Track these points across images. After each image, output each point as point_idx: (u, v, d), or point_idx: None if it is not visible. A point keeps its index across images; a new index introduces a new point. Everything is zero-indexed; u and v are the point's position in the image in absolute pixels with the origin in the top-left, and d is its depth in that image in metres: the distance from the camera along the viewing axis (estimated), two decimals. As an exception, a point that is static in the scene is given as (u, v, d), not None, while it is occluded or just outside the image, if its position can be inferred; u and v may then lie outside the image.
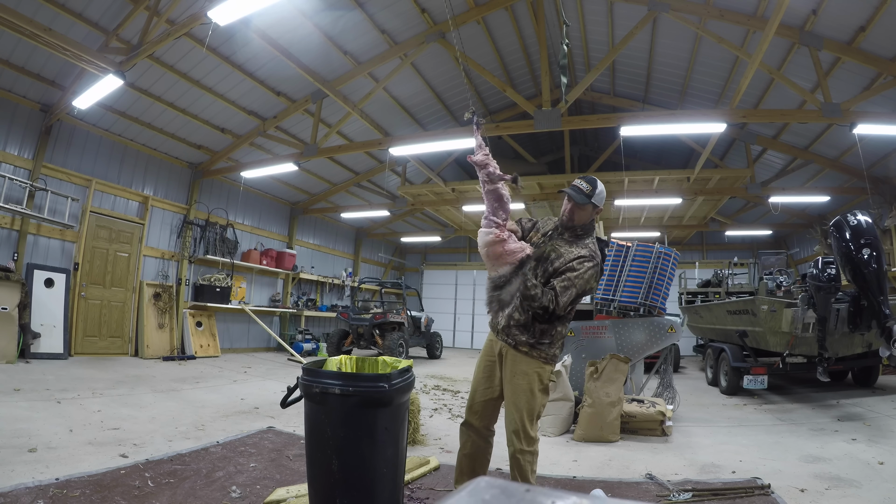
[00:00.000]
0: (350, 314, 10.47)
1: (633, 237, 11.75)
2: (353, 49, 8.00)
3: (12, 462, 2.87)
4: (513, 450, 2.39)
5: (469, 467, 2.52)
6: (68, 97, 6.77)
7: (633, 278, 5.48)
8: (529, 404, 2.40)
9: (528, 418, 2.39)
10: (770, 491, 2.93)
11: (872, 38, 6.20)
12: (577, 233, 2.55)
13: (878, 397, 6.32)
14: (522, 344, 2.42)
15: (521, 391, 2.40)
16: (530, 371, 2.42)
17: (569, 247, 2.49)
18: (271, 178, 10.75)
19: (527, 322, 2.41)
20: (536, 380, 2.42)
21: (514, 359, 2.45)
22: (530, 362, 2.43)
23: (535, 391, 2.41)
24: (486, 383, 2.54)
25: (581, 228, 2.55)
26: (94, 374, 6.26)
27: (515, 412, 2.40)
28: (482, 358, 2.59)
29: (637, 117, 7.43)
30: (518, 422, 2.38)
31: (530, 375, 2.41)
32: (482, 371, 2.57)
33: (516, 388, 2.42)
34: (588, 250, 2.48)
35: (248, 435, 3.94)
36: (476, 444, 2.53)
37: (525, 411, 2.39)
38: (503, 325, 2.45)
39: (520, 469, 2.38)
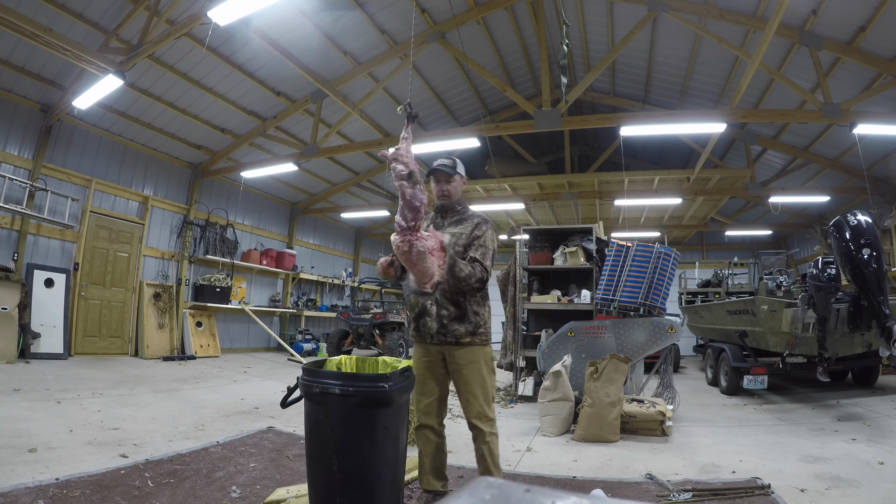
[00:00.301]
0: (350, 314, 10.48)
1: (633, 237, 11.75)
2: (353, 49, 8.00)
3: (12, 462, 2.87)
4: (477, 433, 2.50)
5: (431, 465, 2.58)
6: (68, 97, 6.77)
7: (633, 278, 5.48)
8: (484, 388, 2.50)
9: (485, 401, 2.50)
10: (770, 491, 2.93)
11: (872, 38, 6.20)
12: (455, 209, 2.67)
13: (878, 397, 6.32)
14: (463, 336, 2.48)
15: (474, 379, 2.49)
16: (477, 359, 2.50)
17: (461, 224, 2.60)
18: (271, 178, 10.75)
19: (460, 312, 2.48)
20: (484, 364, 2.52)
21: (459, 352, 2.50)
22: (474, 350, 2.50)
23: (485, 375, 2.51)
24: (429, 384, 2.58)
25: (459, 204, 2.69)
26: (94, 374, 6.26)
27: (473, 399, 2.49)
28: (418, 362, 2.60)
29: (637, 117, 7.43)
30: (478, 407, 2.48)
31: (479, 362, 2.50)
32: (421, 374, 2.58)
33: (468, 378, 2.49)
34: (479, 217, 2.63)
35: (248, 435, 3.94)
36: (433, 442, 2.58)
37: (481, 396, 2.49)
38: (436, 328, 2.49)
39: (490, 451, 2.49)
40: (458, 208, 2.68)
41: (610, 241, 6.10)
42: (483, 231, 2.54)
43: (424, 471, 2.60)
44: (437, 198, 2.68)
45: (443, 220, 2.65)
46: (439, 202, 2.68)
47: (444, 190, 2.64)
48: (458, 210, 2.67)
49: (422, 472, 2.61)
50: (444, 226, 2.63)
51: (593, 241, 6.55)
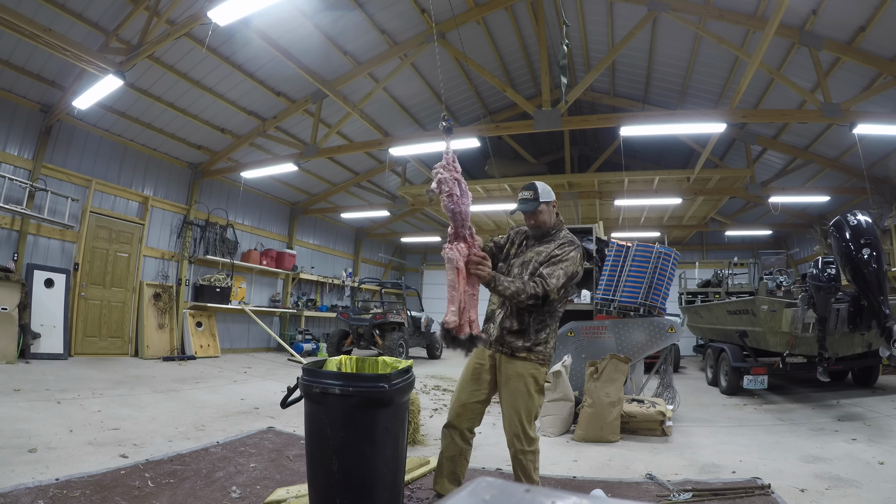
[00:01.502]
0: (350, 314, 10.47)
1: (633, 237, 11.74)
2: (353, 49, 8.00)
3: (12, 462, 2.87)
4: (514, 451, 2.43)
5: (449, 469, 2.51)
6: (68, 97, 6.77)
7: (633, 278, 5.48)
8: (527, 406, 2.42)
9: (527, 420, 2.42)
10: (770, 491, 2.93)
11: (872, 38, 6.20)
12: (549, 234, 2.61)
13: (878, 397, 6.32)
14: (519, 350, 2.44)
15: (520, 394, 2.42)
16: (526, 374, 2.43)
17: (547, 245, 2.56)
18: (271, 179, 10.75)
19: (521, 328, 2.44)
20: (533, 382, 2.44)
21: (511, 363, 2.46)
22: (526, 365, 2.44)
23: (532, 393, 2.43)
24: (472, 385, 2.55)
25: (552, 229, 2.62)
26: (94, 374, 6.26)
27: (514, 415, 2.42)
28: (469, 362, 2.60)
29: (637, 117, 7.43)
30: (518, 425, 2.40)
31: (526, 378, 2.43)
32: (469, 374, 2.58)
33: (514, 391, 2.43)
34: (566, 238, 2.57)
35: (248, 435, 3.94)
36: (458, 446, 2.52)
37: (524, 413, 2.41)
38: (496, 335, 2.48)
39: (523, 469, 2.43)
40: (552, 232, 2.62)
41: (610, 241, 6.09)
42: (563, 251, 2.48)
43: (441, 473, 2.52)
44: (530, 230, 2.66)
45: (535, 243, 2.63)
46: (532, 232, 2.64)
47: (533, 223, 2.60)
48: (551, 234, 2.62)
49: (438, 475, 2.54)
50: (531, 245, 2.62)
51: (593, 241, 6.55)
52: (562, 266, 2.40)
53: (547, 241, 2.59)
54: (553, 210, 2.63)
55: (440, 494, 2.54)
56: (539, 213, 2.57)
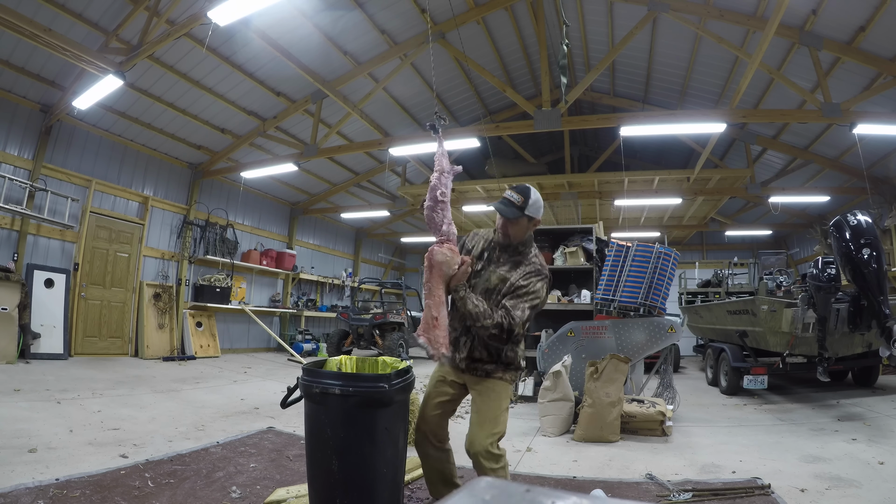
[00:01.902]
0: (350, 314, 10.47)
1: (633, 237, 11.75)
2: (353, 49, 8.00)
3: (12, 462, 2.87)
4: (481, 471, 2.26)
5: (440, 476, 2.46)
6: (68, 97, 6.77)
7: (633, 278, 5.47)
8: (494, 424, 2.29)
9: (495, 438, 2.29)
10: (770, 491, 2.93)
11: (872, 38, 6.20)
12: (517, 250, 2.39)
13: (878, 397, 6.32)
14: (493, 371, 2.35)
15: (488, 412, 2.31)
16: (499, 390, 2.35)
17: (514, 269, 2.35)
18: (271, 179, 10.75)
19: (492, 358, 2.34)
20: (503, 398, 2.36)
21: (482, 382, 2.36)
22: (498, 384, 2.35)
23: (501, 409, 2.34)
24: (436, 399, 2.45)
25: (521, 245, 2.39)
26: (94, 374, 6.26)
27: (480, 432, 2.27)
28: (434, 377, 2.51)
29: (637, 117, 7.43)
30: (483, 441, 2.25)
31: (498, 393, 2.35)
32: (434, 386, 2.48)
33: (482, 409, 2.33)
34: (533, 266, 2.35)
35: (248, 435, 3.94)
36: (437, 457, 2.45)
37: (489, 430, 2.28)
38: (465, 365, 2.36)
39: None
40: (521, 249, 2.40)
41: (610, 241, 6.09)
42: (529, 282, 2.28)
43: (433, 482, 2.48)
44: (496, 231, 2.44)
45: (497, 258, 2.41)
46: (501, 240, 2.41)
47: (506, 230, 2.36)
48: (519, 251, 2.39)
49: (430, 483, 2.50)
50: (498, 262, 2.39)
51: (593, 241, 6.55)
52: (527, 299, 2.25)
53: (514, 259, 2.38)
54: (532, 228, 2.40)
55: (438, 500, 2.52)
56: (517, 225, 2.34)
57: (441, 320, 2.17)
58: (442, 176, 2.33)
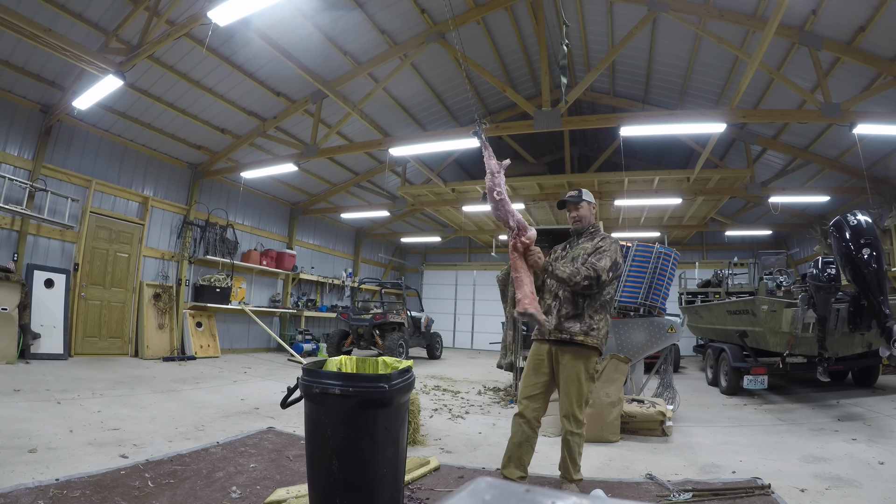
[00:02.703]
0: (350, 314, 10.47)
1: (633, 237, 11.76)
2: (353, 49, 8.00)
3: (12, 462, 2.87)
4: (564, 432, 2.74)
5: (517, 455, 2.78)
6: (68, 98, 6.77)
7: (633, 278, 5.48)
8: (578, 392, 2.73)
9: (578, 405, 2.73)
10: (770, 491, 2.93)
11: (872, 38, 6.20)
12: (590, 233, 3.01)
13: (878, 397, 6.32)
14: (577, 334, 2.74)
15: (572, 381, 2.74)
16: (579, 364, 2.75)
17: (588, 241, 2.94)
18: (271, 179, 10.75)
19: (577, 312, 2.76)
20: (583, 370, 2.75)
21: (565, 354, 2.77)
22: (580, 352, 2.75)
23: (582, 381, 2.74)
24: (534, 378, 2.86)
25: (591, 227, 3.04)
26: (94, 374, 6.26)
27: (566, 399, 2.74)
28: (530, 357, 2.92)
29: (637, 117, 7.43)
30: (568, 407, 2.73)
31: (579, 368, 2.75)
32: (531, 368, 2.88)
33: (567, 378, 2.75)
34: (604, 235, 2.97)
35: (249, 435, 3.93)
36: (525, 433, 2.78)
37: (575, 399, 2.73)
38: (555, 324, 2.78)
39: (569, 450, 2.75)
40: (591, 230, 3.02)
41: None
42: (605, 243, 2.85)
43: (510, 459, 2.78)
44: (571, 224, 3.07)
45: (577, 241, 3.01)
46: (573, 227, 3.06)
47: (574, 216, 3.04)
48: (591, 232, 3.02)
49: (506, 460, 2.80)
50: (577, 244, 2.97)
51: (593, 241, 6.54)
52: (606, 254, 2.76)
53: (587, 238, 2.97)
54: (593, 212, 3.08)
55: (507, 478, 2.74)
56: (580, 207, 3.03)
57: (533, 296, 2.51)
58: (494, 176, 2.62)
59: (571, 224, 3.07)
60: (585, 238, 2.99)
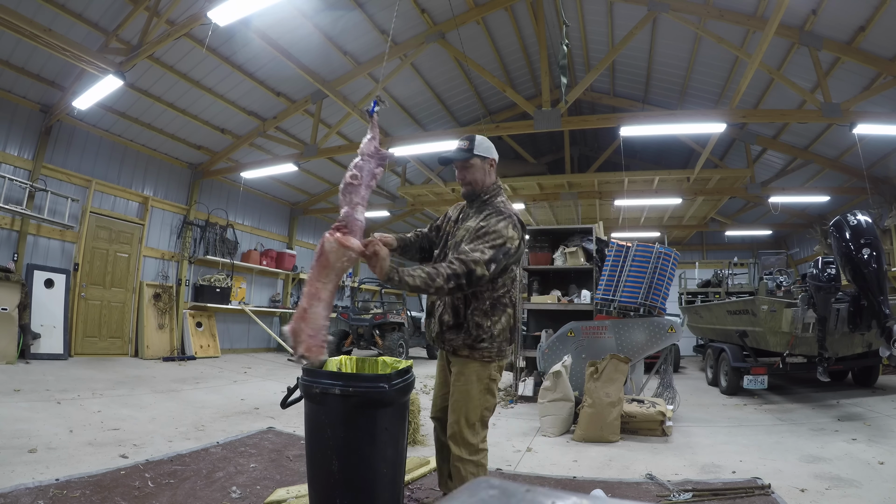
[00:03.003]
0: (350, 314, 10.47)
1: (633, 237, 11.75)
2: (353, 49, 8.00)
3: (12, 462, 2.87)
4: (451, 458, 2.18)
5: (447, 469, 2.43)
6: (68, 98, 6.77)
7: (633, 278, 5.48)
8: (466, 407, 2.18)
9: (466, 423, 2.16)
10: (770, 491, 2.93)
11: (872, 38, 6.20)
12: (483, 201, 2.29)
13: (878, 397, 6.31)
14: (460, 347, 2.21)
15: (459, 394, 2.21)
16: (468, 372, 2.21)
17: (477, 216, 2.25)
18: (271, 179, 10.75)
19: (458, 321, 2.20)
20: (476, 381, 2.19)
21: (456, 361, 2.29)
22: (468, 363, 2.22)
23: (473, 395, 2.18)
24: (441, 385, 2.45)
25: (485, 192, 2.30)
26: (94, 374, 6.25)
27: (452, 416, 2.20)
28: (437, 363, 2.52)
29: (637, 117, 7.43)
30: (454, 425, 2.17)
31: (467, 376, 2.20)
32: (438, 377, 2.49)
33: (454, 391, 2.24)
34: (494, 208, 2.22)
35: (249, 435, 3.93)
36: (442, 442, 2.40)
37: (462, 415, 2.17)
38: (437, 331, 2.30)
39: (459, 479, 2.14)
40: (485, 197, 2.28)
41: (610, 242, 6.09)
42: (488, 222, 2.13)
43: (443, 474, 2.45)
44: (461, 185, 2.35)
45: (468, 213, 2.34)
46: (463, 192, 2.35)
47: (463, 177, 2.30)
48: (484, 201, 2.28)
49: (441, 475, 2.48)
50: (467, 218, 2.31)
51: (593, 241, 6.55)
52: (487, 240, 2.06)
53: (479, 210, 2.28)
54: (490, 169, 2.31)
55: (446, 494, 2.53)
56: (471, 167, 2.26)
57: (312, 315, 1.89)
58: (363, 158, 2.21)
59: (462, 189, 2.34)
60: (477, 211, 2.27)
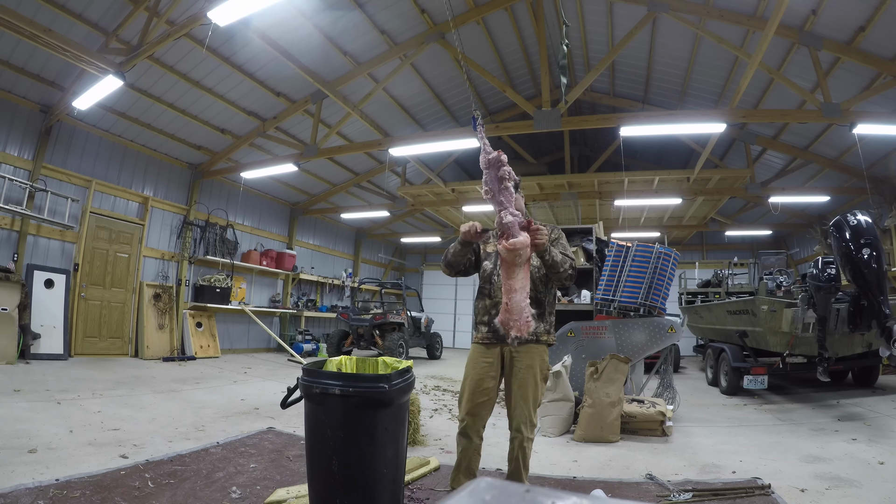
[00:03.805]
0: (350, 315, 10.47)
1: (633, 237, 11.75)
2: (353, 49, 8.00)
3: (12, 463, 2.87)
4: (521, 439, 2.50)
5: (467, 466, 2.58)
6: (68, 98, 6.77)
7: (633, 278, 5.48)
8: (535, 395, 2.54)
9: (534, 408, 2.55)
10: (770, 491, 2.93)
11: (872, 37, 6.20)
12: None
13: (878, 397, 6.32)
14: (541, 334, 2.56)
15: (529, 384, 2.52)
16: (536, 363, 2.54)
17: None
18: (271, 179, 10.75)
19: (540, 311, 2.56)
20: (540, 371, 2.56)
21: (521, 353, 2.53)
22: (539, 350, 2.55)
23: (538, 382, 2.55)
24: (482, 384, 2.56)
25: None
26: (94, 374, 6.25)
27: (524, 404, 2.51)
28: (476, 361, 2.61)
29: (637, 117, 7.43)
30: (527, 413, 2.50)
31: (535, 368, 2.54)
32: (478, 373, 2.58)
33: (523, 380, 2.52)
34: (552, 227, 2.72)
35: (249, 436, 3.93)
36: (475, 445, 2.57)
37: (532, 402, 2.52)
38: None
39: (524, 457, 2.52)
40: None
41: (610, 242, 6.09)
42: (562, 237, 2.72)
43: (460, 469, 2.58)
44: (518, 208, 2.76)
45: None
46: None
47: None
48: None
49: (456, 470, 2.60)
50: None
51: (593, 241, 6.55)
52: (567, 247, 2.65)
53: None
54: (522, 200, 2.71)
55: None
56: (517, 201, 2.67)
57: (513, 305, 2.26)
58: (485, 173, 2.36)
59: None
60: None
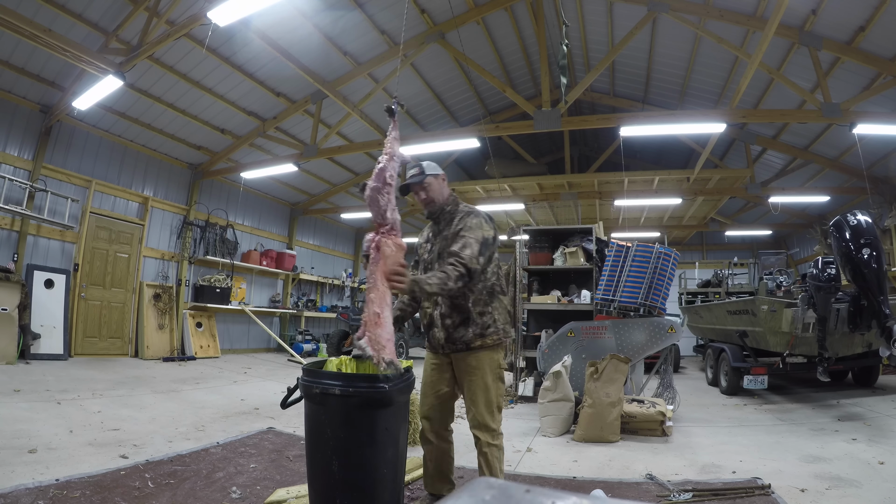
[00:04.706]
0: (350, 315, 10.47)
1: (633, 237, 11.75)
2: (353, 50, 8.00)
3: (12, 463, 2.87)
4: (480, 444, 2.40)
5: (437, 469, 2.56)
6: (68, 98, 6.77)
7: (633, 278, 5.47)
8: (487, 397, 2.40)
9: (488, 412, 2.39)
10: (770, 491, 2.93)
11: (872, 37, 6.20)
12: (447, 210, 2.56)
13: (878, 397, 6.31)
14: (472, 340, 2.41)
15: (477, 386, 2.41)
16: (483, 365, 2.42)
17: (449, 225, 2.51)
18: (271, 179, 10.75)
19: (464, 317, 2.41)
20: (489, 372, 2.42)
21: (466, 357, 2.44)
22: (481, 354, 2.42)
23: (489, 384, 2.41)
24: (433, 388, 2.54)
25: (446, 204, 2.56)
26: (94, 374, 6.25)
27: (473, 407, 2.41)
28: (427, 364, 2.60)
29: (637, 117, 7.43)
30: (479, 416, 2.39)
31: (483, 369, 2.42)
32: (431, 376, 2.56)
33: (471, 384, 2.43)
34: (463, 212, 2.51)
35: (249, 436, 3.93)
36: (438, 447, 2.54)
37: (483, 405, 2.39)
38: (444, 337, 2.46)
39: (488, 465, 2.37)
40: (448, 209, 2.55)
41: (610, 242, 6.09)
42: (464, 223, 2.41)
43: (429, 473, 2.57)
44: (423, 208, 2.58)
45: (438, 228, 2.56)
46: (426, 211, 2.57)
47: (423, 199, 2.54)
48: (447, 211, 2.55)
49: (426, 475, 2.59)
50: (439, 233, 2.54)
51: (593, 241, 6.55)
52: (470, 235, 2.34)
53: (445, 222, 2.53)
54: (443, 183, 2.58)
55: (434, 495, 2.57)
56: (428, 187, 2.52)
57: (384, 319, 2.09)
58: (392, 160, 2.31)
59: (425, 210, 2.57)
60: (444, 222, 2.53)
